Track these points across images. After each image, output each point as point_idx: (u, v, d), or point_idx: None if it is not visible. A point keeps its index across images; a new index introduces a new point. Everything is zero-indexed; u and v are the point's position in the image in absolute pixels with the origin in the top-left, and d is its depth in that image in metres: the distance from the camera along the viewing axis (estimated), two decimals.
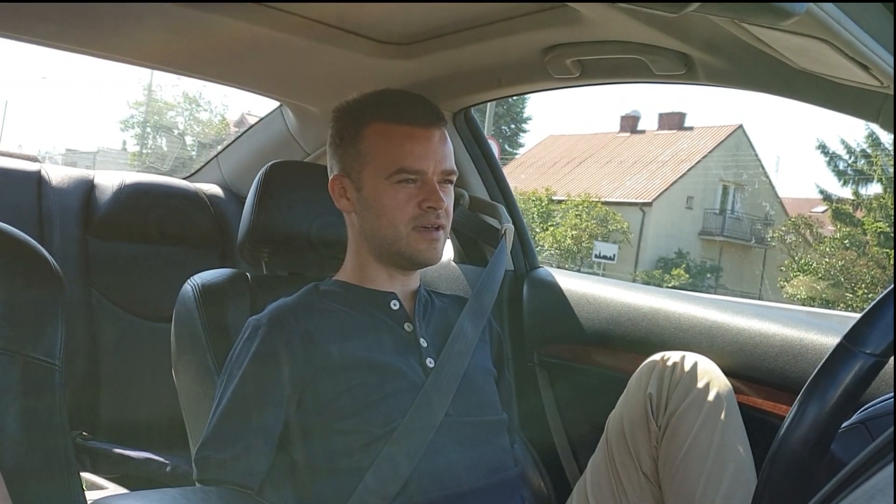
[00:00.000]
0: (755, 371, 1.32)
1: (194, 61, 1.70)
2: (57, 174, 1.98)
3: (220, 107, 27.48)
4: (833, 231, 17.26)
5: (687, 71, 1.28)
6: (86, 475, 1.75)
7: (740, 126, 21.84)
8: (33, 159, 2.04)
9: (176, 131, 22.71)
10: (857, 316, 0.82)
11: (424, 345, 1.19)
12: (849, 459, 0.58)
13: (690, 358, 1.22)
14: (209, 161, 2.32)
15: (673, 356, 1.23)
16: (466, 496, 1.12)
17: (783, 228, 19.32)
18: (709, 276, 20.56)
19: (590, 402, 1.52)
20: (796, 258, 17.58)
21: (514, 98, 18.81)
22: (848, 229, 16.63)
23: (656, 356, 1.25)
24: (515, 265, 1.75)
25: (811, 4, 0.74)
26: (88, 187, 1.99)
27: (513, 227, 1.50)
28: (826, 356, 0.81)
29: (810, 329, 1.31)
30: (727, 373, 1.22)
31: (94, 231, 1.96)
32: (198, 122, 23.20)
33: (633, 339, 1.49)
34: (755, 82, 1.27)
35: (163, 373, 1.39)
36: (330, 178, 1.23)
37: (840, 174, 16.33)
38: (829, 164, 16.05)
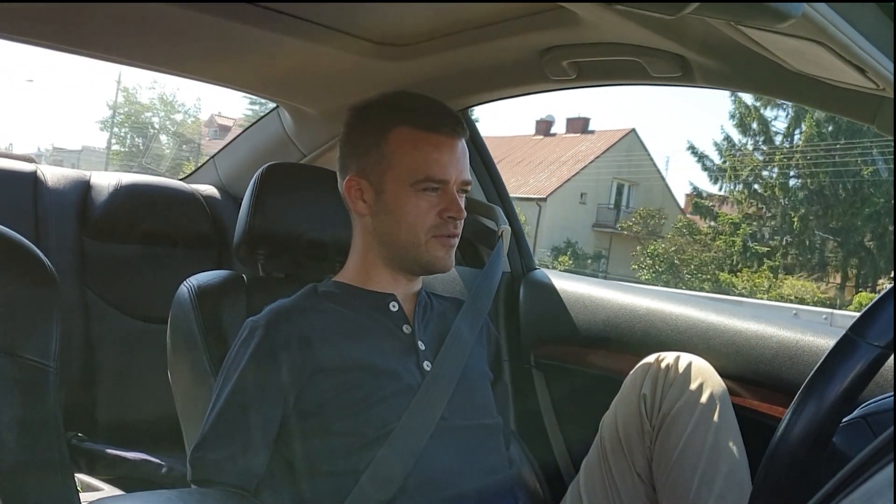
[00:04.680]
0: (751, 373, 1.32)
1: (192, 63, 1.69)
2: (53, 175, 1.97)
3: (193, 108, 29.60)
4: (675, 222, 19.95)
5: (683, 73, 1.28)
6: (81, 477, 1.74)
7: (633, 130, 24.15)
8: (29, 160, 2.04)
9: (153, 131, 24.07)
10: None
11: (422, 347, 1.19)
12: (849, 452, 0.58)
13: (685, 358, 1.22)
14: (205, 162, 2.32)
15: (667, 357, 1.23)
16: (461, 499, 1.12)
17: (633, 220, 21.65)
18: (590, 262, 22.93)
19: (586, 404, 1.51)
20: (646, 245, 19.93)
21: None
22: (687, 220, 19.40)
23: (650, 357, 1.25)
24: (512, 267, 1.75)
25: (807, 7, 0.74)
26: (84, 188, 1.99)
27: (509, 228, 1.50)
28: (830, 349, 0.81)
29: (806, 331, 1.31)
30: (723, 374, 1.22)
31: (90, 232, 1.96)
32: (173, 123, 24.60)
33: (630, 341, 1.49)
34: (751, 84, 1.27)
35: (158, 374, 1.38)
36: (345, 179, 1.20)
37: (710, 172, 18.75)
38: (698, 162, 18.65)
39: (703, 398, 1.17)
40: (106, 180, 2.01)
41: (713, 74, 1.26)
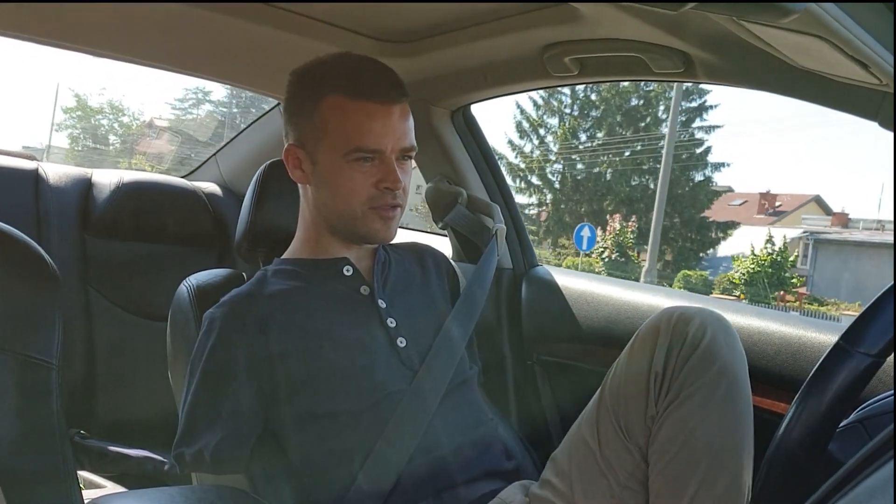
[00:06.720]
0: (753, 369, 1.30)
1: (194, 60, 1.69)
2: (54, 173, 1.97)
3: (136, 112, 35.59)
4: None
5: (686, 69, 1.28)
6: (83, 474, 1.75)
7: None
8: (31, 158, 2.03)
9: (101, 131, 27.90)
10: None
11: (383, 305, 1.18)
12: (846, 459, 0.58)
13: (710, 330, 1.01)
14: (207, 159, 2.32)
15: (690, 323, 1.02)
16: (447, 457, 1.11)
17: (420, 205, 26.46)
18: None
19: (588, 401, 1.51)
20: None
21: None
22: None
23: (672, 311, 1.04)
24: (514, 264, 1.75)
25: (810, 2, 0.74)
26: (86, 186, 1.99)
27: (504, 227, 1.50)
28: (823, 356, 0.81)
29: (808, 327, 1.31)
30: None
31: (92, 230, 1.95)
32: (121, 125, 28.80)
33: None
34: (754, 80, 1.26)
35: (160, 371, 1.38)
36: (285, 147, 1.19)
37: (523, 162, 23.22)
38: (516, 157, 23.18)
39: (721, 388, 0.99)
40: (108, 178, 2.01)
41: (716, 70, 1.26)
